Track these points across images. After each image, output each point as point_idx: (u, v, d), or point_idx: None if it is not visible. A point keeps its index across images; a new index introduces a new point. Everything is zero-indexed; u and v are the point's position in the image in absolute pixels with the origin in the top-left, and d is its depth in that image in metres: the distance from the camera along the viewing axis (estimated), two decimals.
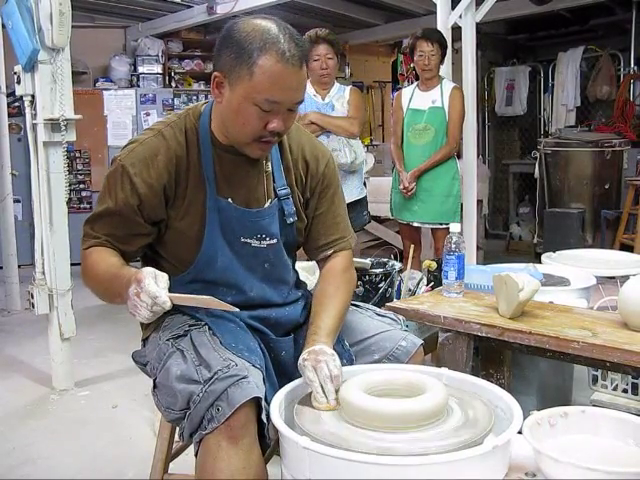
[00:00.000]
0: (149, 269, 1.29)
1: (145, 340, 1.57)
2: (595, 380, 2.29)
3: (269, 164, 1.53)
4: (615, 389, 2.24)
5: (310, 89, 3.47)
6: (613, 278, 2.48)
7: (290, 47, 1.33)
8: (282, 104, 1.36)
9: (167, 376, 1.35)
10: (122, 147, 1.48)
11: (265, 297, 1.54)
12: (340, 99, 3.47)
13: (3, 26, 3.19)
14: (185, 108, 1.55)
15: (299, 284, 1.69)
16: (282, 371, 1.48)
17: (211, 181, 1.46)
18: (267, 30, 1.34)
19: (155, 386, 1.42)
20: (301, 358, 1.35)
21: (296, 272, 1.69)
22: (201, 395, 1.25)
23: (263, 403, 1.26)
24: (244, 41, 1.33)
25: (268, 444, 1.31)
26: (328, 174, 1.60)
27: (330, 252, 1.61)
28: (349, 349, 1.52)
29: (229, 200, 1.47)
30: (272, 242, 1.52)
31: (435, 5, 4.15)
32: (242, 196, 1.49)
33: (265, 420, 1.26)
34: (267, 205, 1.51)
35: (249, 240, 1.49)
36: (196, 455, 1.28)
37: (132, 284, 1.26)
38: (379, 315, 1.65)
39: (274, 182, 1.53)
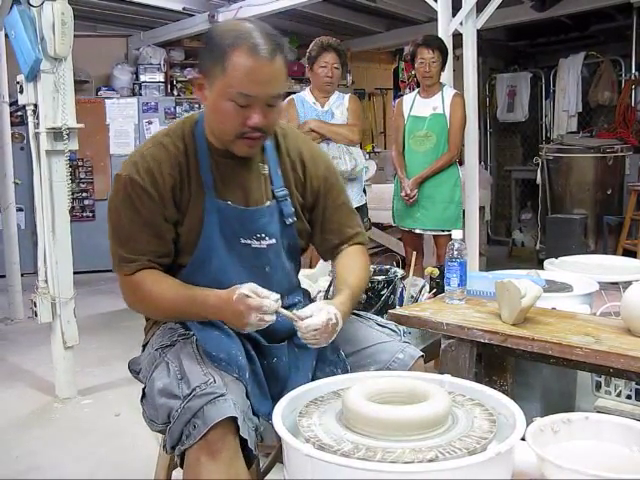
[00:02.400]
0: (244, 290, 1.35)
1: (145, 346, 1.58)
2: (599, 386, 2.28)
3: (266, 167, 1.54)
4: (619, 395, 2.23)
5: (310, 97, 3.48)
6: (616, 284, 2.48)
7: (261, 41, 1.35)
8: (257, 98, 1.37)
9: (151, 389, 1.37)
10: (123, 163, 1.49)
11: None
12: (339, 107, 3.48)
13: (6, 36, 3.21)
14: (183, 116, 1.59)
15: (298, 291, 1.68)
16: (274, 377, 1.47)
17: (209, 185, 1.47)
18: (240, 27, 1.37)
19: (144, 395, 1.44)
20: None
21: (298, 280, 1.68)
22: (179, 411, 1.26)
23: (240, 421, 1.26)
24: (219, 40, 1.37)
25: (255, 456, 1.31)
26: (329, 176, 1.62)
27: (345, 247, 1.64)
28: (344, 359, 1.50)
29: (228, 202, 1.48)
30: (271, 242, 1.52)
31: (436, 12, 4.16)
32: (240, 198, 1.51)
33: (247, 436, 1.27)
34: (266, 205, 1.52)
35: (249, 241, 1.50)
36: (179, 466, 1.30)
37: (251, 312, 1.34)
38: (380, 325, 1.63)
39: (272, 184, 1.54)
